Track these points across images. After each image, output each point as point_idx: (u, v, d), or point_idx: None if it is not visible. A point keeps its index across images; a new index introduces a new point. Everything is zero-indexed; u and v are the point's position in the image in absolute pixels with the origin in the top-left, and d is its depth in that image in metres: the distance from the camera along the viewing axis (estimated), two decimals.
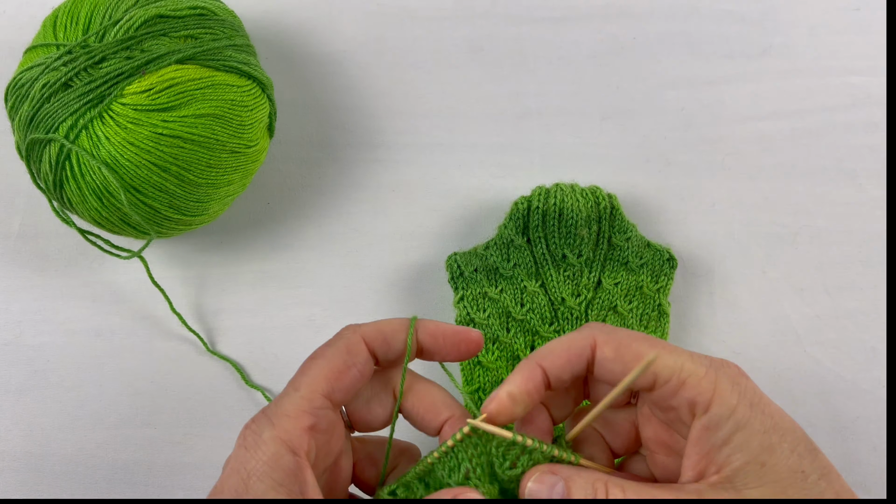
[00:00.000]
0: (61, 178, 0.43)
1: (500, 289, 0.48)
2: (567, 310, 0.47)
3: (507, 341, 0.47)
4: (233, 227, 0.52)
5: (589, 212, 0.47)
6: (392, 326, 0.36)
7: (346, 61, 0.56)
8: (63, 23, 0.44)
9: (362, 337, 0.35)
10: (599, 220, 0.47)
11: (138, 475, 0.48)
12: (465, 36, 0.56)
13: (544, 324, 0.47)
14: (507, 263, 0.48)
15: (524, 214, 0.48)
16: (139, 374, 0.50)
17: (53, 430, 0.49)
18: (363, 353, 0.35)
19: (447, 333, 0.36)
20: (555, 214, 0.48)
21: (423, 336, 0.36)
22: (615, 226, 0.48)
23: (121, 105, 0.42)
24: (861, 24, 0.56)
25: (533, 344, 0.47)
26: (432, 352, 0.36)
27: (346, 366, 0.34)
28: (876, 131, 0.53)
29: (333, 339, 0.35)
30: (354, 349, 0.34)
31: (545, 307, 0.47)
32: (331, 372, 0.34)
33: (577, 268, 0.47)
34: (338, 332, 0.36)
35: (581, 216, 0.47)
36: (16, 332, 0.51)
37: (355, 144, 0.54)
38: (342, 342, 0.35)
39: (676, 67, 0.55)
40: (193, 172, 0.44)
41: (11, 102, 0.44)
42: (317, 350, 0.35)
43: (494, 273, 0.48)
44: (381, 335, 0.35)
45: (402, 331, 0.36)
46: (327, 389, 0.33)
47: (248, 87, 0.46)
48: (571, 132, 0.54)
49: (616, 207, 0.48)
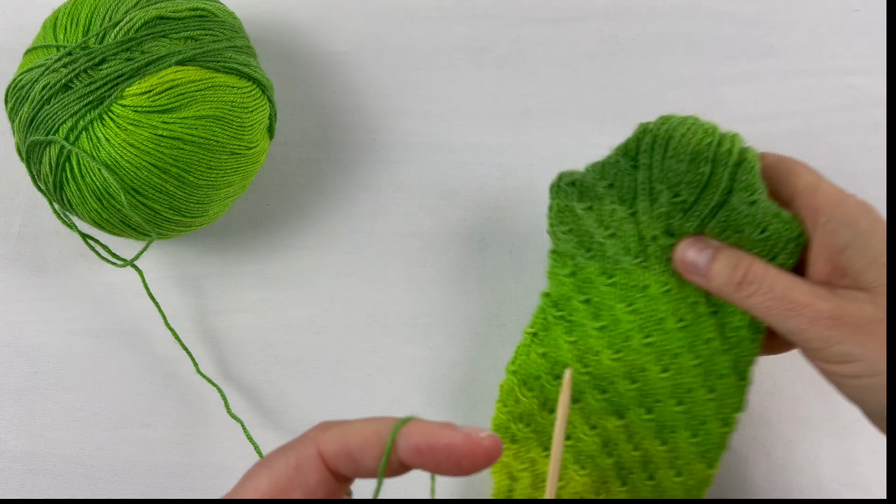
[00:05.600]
0: (61, 179, 0.43)
1: (587, 206, 0.42)
2: (659, 248, 0.40)
3: (581, 265, 0.42)
4: (233, 228, 0.52)
5: (702, 148, 0.39)
6: (362, 438, 0.27)
7: (346, 62, 0.56)
8: (63, 24, 0.44)
9: (319, 452, 0.28)
10: (714, 162, 0.39)
11: (138, 475, 0.48)
12: (465, 36, 0.56)
13: (628, 255, 0.41)
14: (602, 181, 0.41)
15: (640, 136, 0.41)
16: (139, 374, 0.50)
17: (53, 431, 0.49)
18: (315, 474, 0.28)
19: (440, 447, 0.26)
20: (663, 141, 0.40)
21: (405, 453, 0.27)
22: (738, 180, 0.39)
23: (121, 107, 0.42)
24: (861, 24, 0.56)
25: (611, 274, 0.41)
26: (422, 467, 0.27)
27: (290, 485, 0.27)
28: (876, 132, 0.53)
29: (293, 442, 0.29)
30: (304, 466, 0.28)
31: (631, 238, 0.41)
32: (271, 490, 0.28)
33: (671, 209, 0.40)
34: (309, 428, 0.29)
35: (688, 149, 0.39)
36: (16, 332, 0.51)
37: (355, 145, 0.54)
38: (293, 454, 0.28)
39: (677, 68, 0.55)
40: (193, 174, 0.44)
41: (11, 104, 0.44)
42: (274, 451, 0.29)
43: (590, 190, 0.42)
44: (343, 451, 0.27)
45: (374, 445, 0.27)
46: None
47: (249, 89, 0.46)
48: (571, 132, 0.54)
49: (746, 160, 0.39)
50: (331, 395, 0.49)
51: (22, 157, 0.45)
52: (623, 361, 0.41)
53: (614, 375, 0.41)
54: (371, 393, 0.50)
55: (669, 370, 0.41)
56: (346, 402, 0.49)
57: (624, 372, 0.41)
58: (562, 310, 0.43)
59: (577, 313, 0.42)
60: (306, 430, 0.29)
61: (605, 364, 0.42)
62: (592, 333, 0.42)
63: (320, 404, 0.49)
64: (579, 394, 0.42)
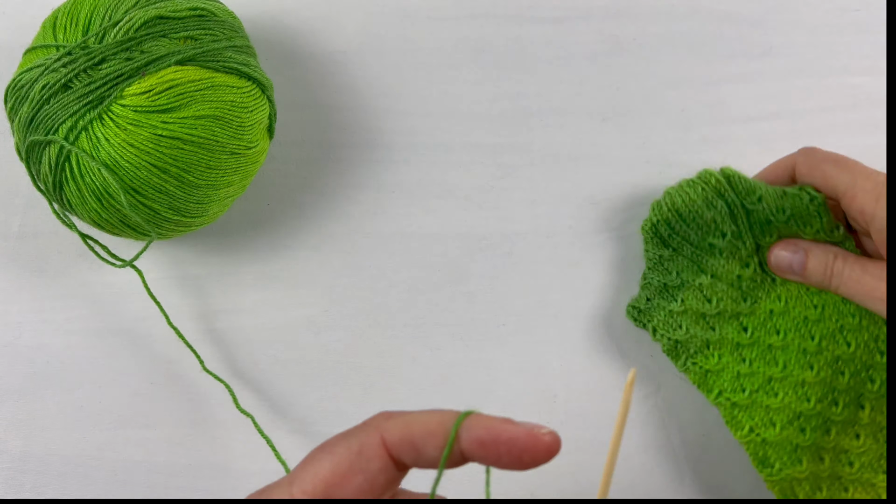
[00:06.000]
0: (61, 179, 0.43)
1: (680, 300, 0.47)
2: (749, 282, 0.46)
3: (717, 339, 0.47)
4: (232, 228, 0.52)
5: (703, 195, 0.46)
6: (426, 428, 0.28)
7: (347, 61, 0.56)
8: (63, 24, 0.44)
9: (383, 439, 0.28)
10: (719, 195, 0.46)
11: (138, 476, 0.48)
12: (465, 36, 0.56)
13: (739, 303, 0.46)
14: (671, 276, 0.47)
15: (654, 233, 0.48)
16: (139, 375, 0.50)
17: (53, 432, 0.49)
18: (378, 461, 0.28)
19: (502, 440, 0.27)
20: (676, 217, 0.47)
21: (468, 444, 0.27)
22: (740, 192, 0.45)
23: (120, 106, 0.42)
24: (862, 24, 0.56)
25: (745, 327, 0.46)
26: (483, 460, 0.28)
27: (353, 471, 0.28)
28: (876, 132, 0.53)
29: (355, 429, 0.29)
30: (367, 452, 0.28)
31: (729, 291, 0.46)
32: (333, 475, 0.28)
33: (729, 246, 0.46)
34: (370, 416, 0.29)
35: (696, 204, 0.46)
36: (15, 333, 0.51)
37: (355, 145, 0.54)
38: (356, 440, 0.28)
39: (677, 68, 0.55)
40: (193, 174, 0.44)
41: (11, 104, 0.44)
42: (334, 437, 0.29)
43: (666, 291, 0.48)
44: (407, 440, 0.28)
45: (437, 435, 0.27)
46: (324, 492, 0.28)
47: (248, 89, 0.46)
48: (571, 132, 0.54)
49: (731, 175, 0.46)
50: (330, 395, 0.49)
51: (21, 157, 0.45)
52: (819, 376, 0.45)
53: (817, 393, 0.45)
54: (371, 393, 0.50)
55: (851, 345, 0.45)
56: (346, 403, 0.49)
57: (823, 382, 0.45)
58: (744, 390, 0.46)
59: (755, 377, 0.46)
60: (367, 419, 0.29)
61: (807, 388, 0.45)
62: (779, 376, 0.45)
63: (320, 405, 0.49)
64: None
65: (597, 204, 0.52)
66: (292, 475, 0.28)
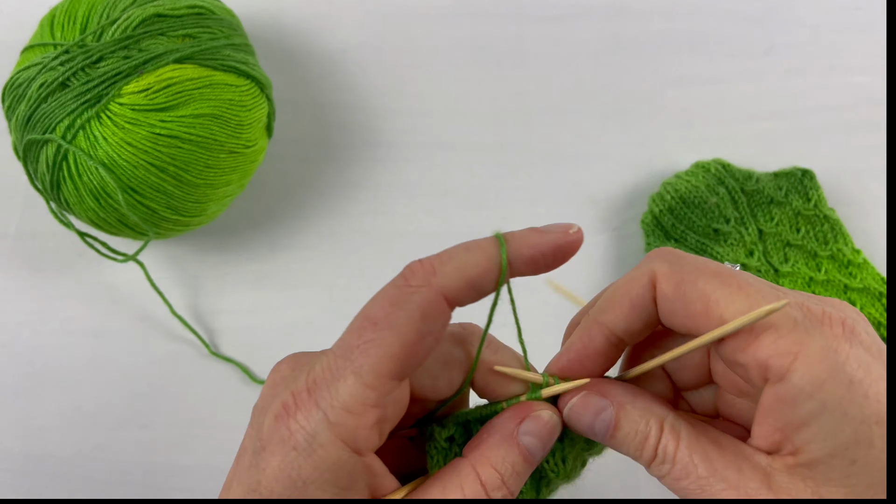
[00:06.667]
0: (58, 178, 0.43)
1: None
2: (754, 271, 0.47)
3: None
4: (231, 227, 0.52)
5: (706, 181, 0.48)
6: (479, 268, 0.27)
7: (346, 61, 0.55)
8: (60, 22, 0.44)
9: (443, 294, 0.26)
10: (720, 181, 0.48)
11: (136, 476, 0.48)
12: (465, 35, 0.56)
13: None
14: None
15: (656, 224, 0.49)
16: (137, 375, 0.49)
17: (51, 432, 0.49)
18: (444, 317, 0.27)
19: (548, 252, 0.27)
20: (680, 203, 0.48)
21: (519, 266, 0.28)
22: (737, 178, 0.48)
23: (118, 105, 0.42)
24: (863, 23, 0.56)
25: None
26: (530, 273, 0.28)
27: (421, 336, 0.26)
28: (877, 131, 0.53)
29: (401, 294, 0.27)
30: (432, 313, 0.26)
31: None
32: (402, 349, 0.26)
33: (734, 233, 0.47)
34: (402, 272, 0.28)
35: (700, 189, 0.48)
36: (13, 333, 0.50)
37: (355, 144, 0.54)
38: (414, 304, 0.26)
39: (678, 66, 0.55)
40: (191, 173, 0.43)
41: (8, 102, 0.44)
42: (381, 306, 0.27)
43: None
44: (466, 285, 0.27)
45: (491, 270, 0.27)
46: (397, 370, 0.26)
47: (247, 87, 0.46)
48: (572, 131, 0.54)
49: (725, 165, 0.48)
50: None
51: (18, 156, 0.44)
52: None
53: None
54: None
55: None
56: None
57: None
58: None
59: None
60: (395, 279, 0.28)
61: None
62: None
63: None
64: None
65: (597, 203, 0.52)
66: (353, 361, 0.26)
